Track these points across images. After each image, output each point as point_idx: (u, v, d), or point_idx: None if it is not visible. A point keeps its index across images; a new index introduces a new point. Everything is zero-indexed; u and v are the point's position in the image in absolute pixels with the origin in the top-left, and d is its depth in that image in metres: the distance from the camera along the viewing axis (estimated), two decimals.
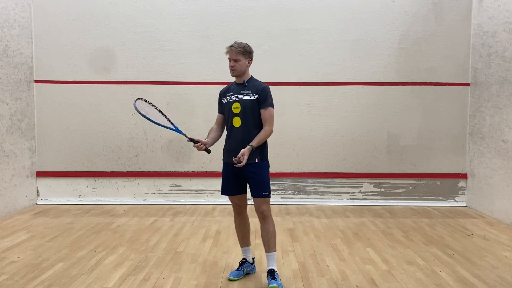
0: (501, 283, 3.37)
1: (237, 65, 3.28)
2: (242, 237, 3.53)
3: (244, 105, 3.28)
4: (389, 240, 4.49)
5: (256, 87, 3.32)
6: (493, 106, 5.49)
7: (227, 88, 3.46)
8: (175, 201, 6.14)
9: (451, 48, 6.06)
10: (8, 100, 5.50)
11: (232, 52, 3.27)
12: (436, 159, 6.13)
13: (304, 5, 6.05)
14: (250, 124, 3.29)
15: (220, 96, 3.47)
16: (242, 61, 3.29)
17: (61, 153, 6.12)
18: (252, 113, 3.29)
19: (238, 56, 3.27)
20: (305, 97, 6.12)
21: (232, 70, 3.30)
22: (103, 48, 6.06)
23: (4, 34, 5.41)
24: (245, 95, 3.30)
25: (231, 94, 3.36)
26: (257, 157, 3.27)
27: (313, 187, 6.19)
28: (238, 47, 3.27)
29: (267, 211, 3.30)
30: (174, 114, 6.10)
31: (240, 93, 3.32)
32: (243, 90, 3.32)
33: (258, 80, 3.42)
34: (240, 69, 3.30)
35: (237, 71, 3.30)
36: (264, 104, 3.29)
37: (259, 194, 3.27)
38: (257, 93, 3.30)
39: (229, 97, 3.37)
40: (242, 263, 3.50)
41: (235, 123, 3.30)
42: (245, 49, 3.30)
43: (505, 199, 5.22)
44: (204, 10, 6.04)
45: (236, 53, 3.26)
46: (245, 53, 3.31)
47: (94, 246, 4.22)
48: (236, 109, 3.30)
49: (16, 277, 3.43)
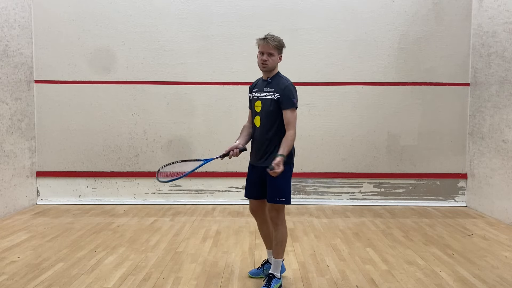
0: (501, 283, 3.38)
1: (270, 59, 3.04)
2: (264, 239, 3.44)
3: (265, 103, 3.07)
4: (389, 240, 4.49)
5: (278, 86, 3.06)
6: (493, 106, 5.49)
7: (255, 83, 3.27)
8: (175, 201, 6.14)
9: (451, 48, 6.06)
10: (8, 100, 5.50)
11: (267, 45, 3.02)
12: (436, 159, 6.13)
13: (304, 5, 6.05)
14: (268, 125, 3.07)
15: (249, 91, 3.29)
16: (275, 56, 3.06)
17: (61, 153, 6.12)
18: (272, 114, 3.05)
19: (272, 50, 3.03)
20: (305, 97, 6.11)
21: (264, 64, 3.05)
22: (103, 48, 6.06)
23: (4, 34, 5.41)
24: (268, 93, 3.08)
25: (256, 91, 3.18)
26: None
27: (313, 187, 6.19)
28: (274, 41, 3.03)
29: (276, 218, 3.11)
30: (174, 114, 6.15)
31: (263, 91, 3.11)
32: (266, 88, 3.10)
33: (284, 77, 3.16)
34: (272, 64, 3.06)
35: (269, 66, 3.05)
36: (286, 104, 3.02)
37: (273, 199, 3.07)
38: (278, 92, 3.04)
39: (254, 93, 3.19)
40: (264, 263, 3.47)
41: (256, 122, 3.14)
42: (280, 43, 3.08)
43: (505, 199, 5.22)
44: (204, 10, 6.04)
45: (271, 47, 3.02)
46: (280, 47, 3.08)
47: (94, 246, 4.22)
48: (257, 108, 3.11)
49: (16, 277, 3.43)
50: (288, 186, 3.12)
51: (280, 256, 3.21)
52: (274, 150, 3.05)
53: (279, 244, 3.17)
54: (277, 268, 3.22)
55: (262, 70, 3.10)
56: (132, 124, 6.12)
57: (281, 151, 2.95)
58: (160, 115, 6.11)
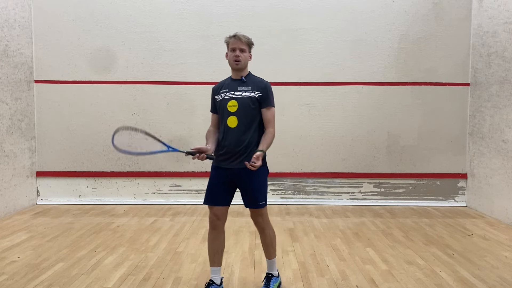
0: (501, 283, 3.38)
1: (242, 55, 2.96)
2: (214, 255, 3.08)
3: (242, 103, 2.95)
4: (389, 240, 4.49)
5: (257, 84, 3.00)
6: (493, 106, 5.49)
7: (221, 84, 3.10)
8: (175, 201, 6.14)
9: (451, 48, 6.06)
10: (8, 100, 5.50)
11: (238, 41, 2.96)
12: (436, 159, 6.13)
13: (304, 5, 6.05)
14: (247, 124, 2.96)
15: (213, 93, 3.11)
16: (246, 52, 3.00)
17: (61, 153, 6.12)
18: (251, 112, 2.96)
19: (244, 46, 2.97)
20: (305, 97, 6.12)
21: (237, 61, 2.96)
22: (103, 48, 6.06)
23: (4, 34, 5.41)
24: (244, 92, 2.97)
25: (226, 91, 3.01)
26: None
27: (313, 187, 6.19)
28: (245, 37, 2.99)
29: (263, 222, 3.06)
30: (174, 114, 6.15)
31: (237, 90, 2.99)
32: (241, 87, 2.99)
33: (257, 76, 3.12)
34: (244, 61, 2.99)
35: (242, 62, 2.97)
36: (267, 103, 2.99)
37: (256, 205, 2.97)
38: (259, 90, 2.98)
39: (223, 94, 3.02)
40: (208, 285, 3.06)
41: (231, 123, 2.95)
42: (250, 40, 3.04)
43: (505, 199, 5.22)
44: (204, 10, 6.04)
45: (243, 42, 2.97)
46: (250, 45, 3.04)
47: (94, 246, 4.22)
48: (232, 108, 2.95)
49: (16, 277, 3.43)
50: (266, 188, 3.06)
51: (273, 255, 3.18)
52: (253, 149, 2.94)
53: (270, 245, 3.13)
54: (273, 267, 3.20)
55: (234, 67, 3.00)
56: (132, 124, 6.11)
57: (261, 147, 2.89)
58: (160, 115, 6.11)
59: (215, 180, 3.05)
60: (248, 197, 3.00)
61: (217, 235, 3.10)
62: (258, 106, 3.00)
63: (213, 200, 3.04)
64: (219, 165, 3.03)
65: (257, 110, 3.00)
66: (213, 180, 3.06)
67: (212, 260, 3.11)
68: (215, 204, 3.04)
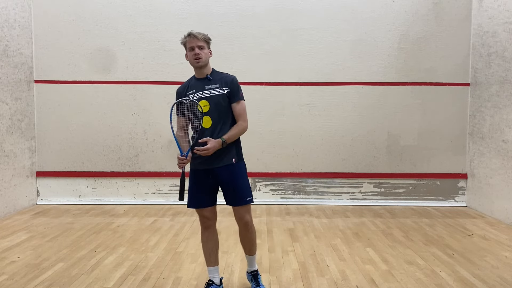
0: (501, 283, 3.38)
1: (202, 52, 2.89)
2: (210, 254, 3.08)
3: (214, 101, 2.88)
4: (389, 240, 4.49)
5: (223, 80, 2.94)
6: (493, 106, 5.49)
7: (185, 85, 3.03)
8: (175, 201, 6.14)
9: (451, 48, 6.06)
10: (8, 100, 5.50)
11: (194, 39, 2.90)
12: (436, 159, 6.13)
13: (304, 5, 6.05)
14: (222, 122, 2.91)
15: (179, 96, 3.03)
16: (205, 49, 2.92)
17: (61, 153, 6.12)
18: (224, 110, 2.91)
19: (202, 43, 2.90)
20: (305, 97, 6.12)
21: (198, 59, 2.89)
22: (103, 48, 6.06)
23: (4, 34, 5.41)
24: (212, 90, 2.91)
25: (194, 92, 2.94)
26: (234, 157, 2.96)
27: (313, 187, 6.19)
28: (200, 34, 2.92)
29: (251, 220, 3.01)
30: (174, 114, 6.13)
31: (205, 89, 2.92)
32: (208, 85, 2.93)
33: (221, 72, 3.05)
34: (205, 58, 2.91)
35: (203, 59, 2.90)
36: (236, 97, 2.94)
37: (243, 201, 2.93)
38: (226, 86, 2.92)
39: (191, 95, 2.94)
40: (207, 285, 3.07)
41: (205, 124, 2.88)
42: (206, 36, 2.97)
43: (505, 199, 5.22)
44: (204, 10, 6.04)
45: (199, 39, 2.90)
46: (208, 40, 2.96)
47: (94, 246, 4.22)
48: (204, 108, 2.88)
49: (16, 277, 3.43)
50: (249, 183, 3.03)
51: (255, 251, 3.20)
52: (232, 146, 2.94)
53: (253, 242, 3.13)
54: (255, 262, 3.24)
55: (196, 66, 2.93)
56: (132, 124, 6.12)
57: (225, 136, 2.85)
58: (160, 115, 6.10)
59: (197, 183, 2.98)
60: (233, 195, 2.95)
61: (210, 234, 3.09)
62: (228, 102, 2.94)
63: (197, 203, 2.99)
64: (197, 168, 2.96)
65: (228, 106, 2.94)
66: (194, 183, 2.99)
67: (209, 260, 3.11)
68: (200, 207, 3.00)
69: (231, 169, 2.91)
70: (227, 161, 2.92)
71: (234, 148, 2.97)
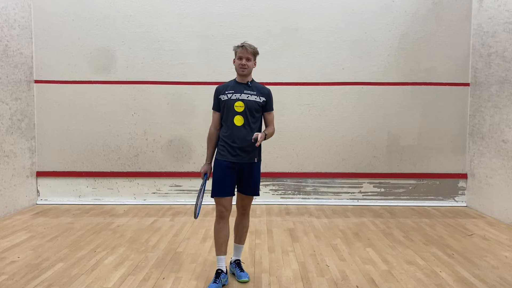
0: (501, 283, 3.38)
1: (248, 64, 3.31)
2: (222, 244, 3.34)
3: (249, 105, 3.29)
4: (389, 240, 4.49)
5: (261, 91, 3.38)
6: (493, 106, 5.49)
7: (226, 85, 3.42)
8: (175, 201, 6.14)
9: (451, 48, 6.06)
10: (8, 100, 5.50)
11: (246, 51, 3.29)
12: (436, 159, 6.13)
13: (304, 5, 6.05)
14: (252, 123, 3.32)
15: (218, 93, 3.40)
16: (251, 61, 3.34)
17: (61, 153, 6.12)
18: (255, 114, 3.33)
19: (250, 56, 3.31)
20: (305, 97, 6.12)
21: (243, 68, 3.30)
22: (103, 48, 6.06)
23: (4, 34, 5.41)
24: (250, 95, 3.32)
25: (232, 92, 3.33)
26: (256, 157, 3.37)
27: (313, 187, 6.19)
28: (251, 47, 3.31)
29: (249, 208, 3.53)
30: (174, 114, 6.15)
31: (243, 93, 3.32)
32: (247, 91, 3.33)
33: (259, 83, 3.47)
34: (250, 69, 3.33)
35: (247, 70, 3.31)
36: (270, 107, 3.42)
37: (255, 192, 3.40)
38: (263, 96, 3.36)
39: (229, 94, 3.33)
40: (218, 274, 3.30)
41: (237, 122, 3.29)
42: (256, 51, 3.36)
43: (505, 199, 5.22)
44: (204, 10, 6.05)
45: (249, 53, 3.29)
46: (255, 54, 3.37)
47: (94, 246, 4.22)
48: (239, 108, 3.29)
49: (16, 277, 3.43)
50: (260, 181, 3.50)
51: (244, 241, 3.58)
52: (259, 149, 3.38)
53: (246, 230, 3.54)
54: (241, 252, 3.62)
55: (240, 73, 3.34)
56: (132, 124, 6.12)
57: (266, 131, 3.34)
58: (160, 115, 6.11)
59: (223, 173, 3.31)
60: (250, 187, 3.37)
61: (224, 225, 3.35)
62: (261, 110, 3.39)
63: (223, 192, 3.30)
64: (226, 159, 3.31)
65: (260, 112, 3.40)
66: (221, 173, 3.32)
67: (219, 249, 3.36)
68: (224, 196, 3.29)
69: (253, 166, 3.35)
70: (251, 160, 3.33)
71: (258, 150, 3.39)
